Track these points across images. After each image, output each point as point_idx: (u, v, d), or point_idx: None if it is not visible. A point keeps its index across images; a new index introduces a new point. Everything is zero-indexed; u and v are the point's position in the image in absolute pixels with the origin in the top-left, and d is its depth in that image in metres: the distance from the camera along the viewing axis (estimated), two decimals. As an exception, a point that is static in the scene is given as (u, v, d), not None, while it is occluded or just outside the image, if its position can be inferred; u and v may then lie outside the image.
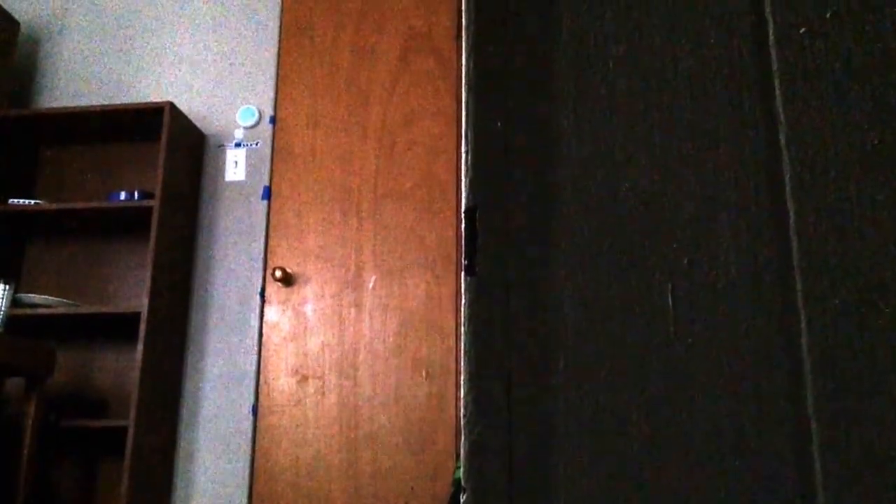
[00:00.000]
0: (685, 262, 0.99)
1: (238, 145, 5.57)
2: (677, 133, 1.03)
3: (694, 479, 0.93)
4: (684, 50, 1.06)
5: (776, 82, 1.03)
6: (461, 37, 1.11)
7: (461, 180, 1.05)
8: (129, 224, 5.34)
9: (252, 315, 5.21)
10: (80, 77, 5.97)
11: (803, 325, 0.95)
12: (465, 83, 1.09)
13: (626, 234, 1.01)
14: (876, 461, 0.90)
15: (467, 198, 1.04)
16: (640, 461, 0.94)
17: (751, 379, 0.94)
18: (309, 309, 5.10)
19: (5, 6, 6.06)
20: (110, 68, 5.96)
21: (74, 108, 5.39)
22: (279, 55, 5.65)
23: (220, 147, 5.60)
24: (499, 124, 1.06)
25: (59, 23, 6.15)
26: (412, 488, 4.65)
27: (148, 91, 5.82)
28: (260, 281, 5.24)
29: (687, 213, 1.00)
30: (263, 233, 5.33)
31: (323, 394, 4.91)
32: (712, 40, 1.06)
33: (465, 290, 1.02)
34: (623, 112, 1.05)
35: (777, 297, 0.96)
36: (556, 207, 1.03)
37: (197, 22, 5.97)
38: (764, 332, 0.95)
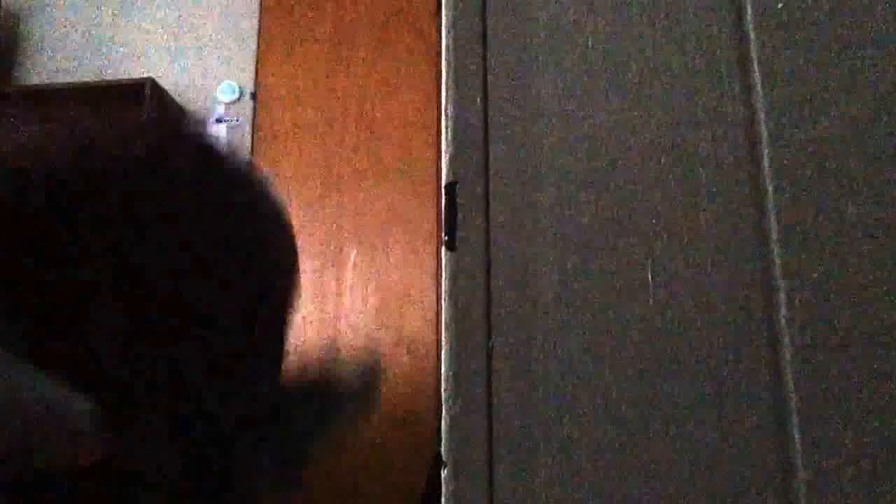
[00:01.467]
0: (665, 236, 0.99)
1: (219, 121, 5.55)
2: (656, 110, 1.04)
3: (673, 453, 0.93)
4: (662, 26, 1.06)
5: (754, 58, 1.03)
6: (441, 12, 1.11)
7: (441, 155, 1.05)
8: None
9: (234, 291, 5.19)
10: (61, 53, 5.93)
11: (782, 298, 0.95)
12: (445, 59, 1.09)
13: (606, 209, 1.01)
14: (855, 430, 0.91)
15: (447, 173, 1.05)
16: (619, 435, 0.95)
17: (730, 351, 0.95)
18: (290, 284, 5.08)
19: (-17, -18, 6.03)
20: (90, 44, 5.93)
21: (55, 84, 5.37)
22: (259, 30, 5.63)
23: (201, 123, 5.58)
24: (478, 99, 1.06)
25: (39, -2, 6.13)
26: (393, 462, 4.66)
27: (128, 67, 5.80)
28: (241, 257, 5.22)
29: (666, 188, 1.01)
30: (245, 209, 5.30)
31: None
32: (691, 16, 1.06)
33: (446, 265, 1.02)
34: (602, 89, 1.05)
35: (756, 270, 0.97)
36: (536, 183, 1.03)
37: (177, -3, 5.95)
38: (743, 305, 0.96)
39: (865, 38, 1.01)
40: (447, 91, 1.08)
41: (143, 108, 5.11)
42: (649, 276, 0.98)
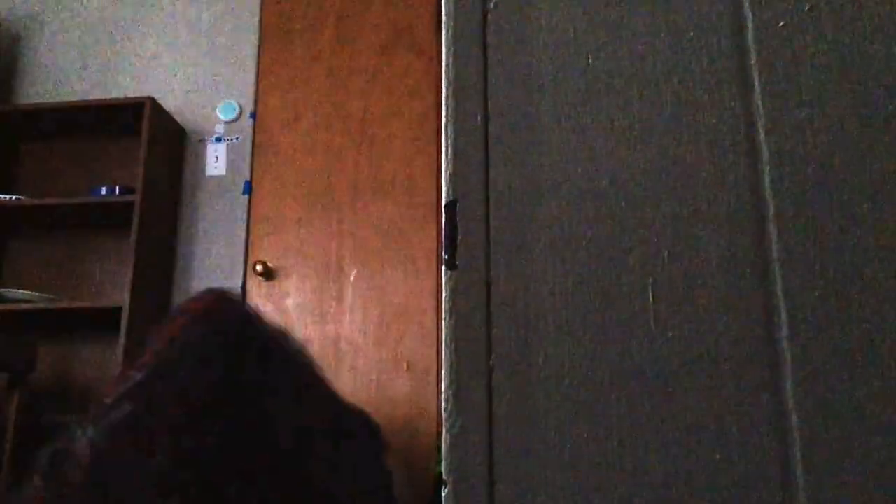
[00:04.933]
0: (665, 255, 0.99)
1: (218, 140, 5.56)
2: (657, 127, 1.04)
3: (675, 473, 0.93)
4: (663, 44, 1.06)
5: (755, 76, 1.03)
6: (441, 31, 1.10)
7: (441, 174, 1.05)
8: (111, 219, 5.31)
9: (233, 309, 5.19)
10: (61, 72, 5.94)
11: (783, 317, 0.95)
12: (445, 78, 1.09)
13: (606, 229, 1.01)
14: (855, 451, 0.91)
15: (447, 192, 1.05)
16: (620, 455, 0.94)
17: (731, 372, 0.95)
18: (290, 303, 5.09)
19: (-15, 1, 6.04)
20: (91, 63, 5.94)
21: (55, 103, 5.37)
22: (259, 50, 5.63)
23: (201, 142, 5.58)
24: (478, 119, 1.06)
25: (40, 18, 6.13)
26: (394, 481, 4.65)
27: (128, 86, 5.80)
28: (241, 275, 5.23)
29: (667, 207, 1.00)
30: (244, 227, 5.32)
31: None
32: (692, 34, 1.06)
33: (446, 284, 1.02)
34: (603, 107, 1.05)
35: (757, 289, 0.97)
36: (536, 201, 1.03)
37: (177, 16, 5.95)
38: (744, 324, 0.96)
39: (868, 57, 1.01)
40: (447, 110, 1.08)
41: (142, 127, 5.11)
42: (650, 295, 0.98)
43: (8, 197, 5.18)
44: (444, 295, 1.02)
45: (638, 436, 0.95)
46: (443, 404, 0.99)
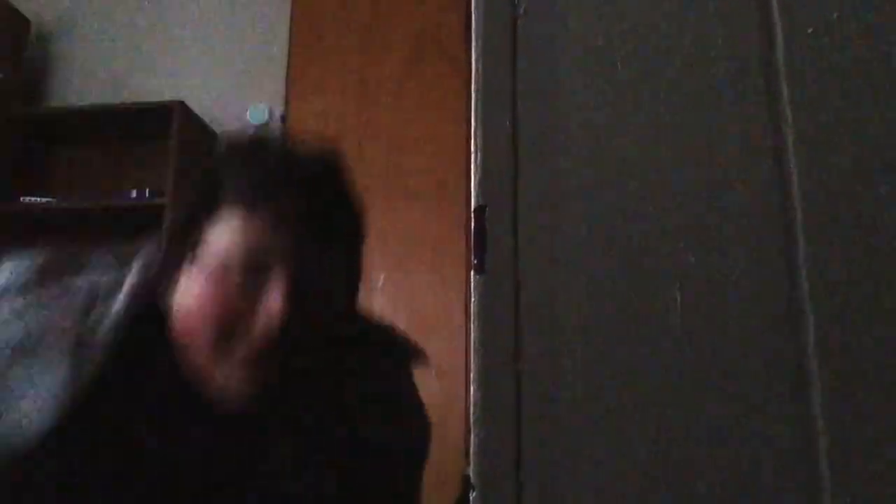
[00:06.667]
0: (692, 260, 0.99)
1: (248, 144, 5.56)
2: (685, 133, 1.04)
3: (702, 479, 0.93)
4: (692, 51, 1.06)
5: (783, 83, 1.03)
6: (470, 36, 1.11)
7: (470, 180, 1.05)
8: (140, 222, 5.32)
9: (262, 313, 5.17)
10: (91, 75, 5.96)
11: (810, 323, 0.95)
12: (474, 83, 1.10)
13: (634, 234, 1.01)
14: (883, 460, 0.91)
15: (476, 197, 1.05)
16: (647, 461, 0.95)
17: (758, 378, 0.95)
18: (318, 308, 5.06)
19: (16, 5, 6.04)
20: (121, 67, 5.96)
21: (85, 106, 5.40)
22: (289, 54, 5.63)
23: (231, 145, 5.58)
24: (507, 124, 1.07)
25: (70, 21, 6.16)
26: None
27: (158, 89, 5.80)
28: (270, 279, 5.21)
29: (695, 212, 1.01)
30: (273, 231, 5.30)
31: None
32: (720, 41, 1.06)
33: (475, 288, 1.02)
34: (630, 112, 1.06)
35: (784, 295, 0.97)
36: (564, 206, 1.03)
37: (207, 20, 5.97)
38: (771, 330, 0.96)
39: None
40: (476, 115, 1.08)
41: (172, 131, 5.12)
42: (678, 300, 0.98)
43: (37, 199, 5.20)
44: (472, 299, 1.02)
45: (666, 440, 0.95)
46: (471, 408, 0.99)
